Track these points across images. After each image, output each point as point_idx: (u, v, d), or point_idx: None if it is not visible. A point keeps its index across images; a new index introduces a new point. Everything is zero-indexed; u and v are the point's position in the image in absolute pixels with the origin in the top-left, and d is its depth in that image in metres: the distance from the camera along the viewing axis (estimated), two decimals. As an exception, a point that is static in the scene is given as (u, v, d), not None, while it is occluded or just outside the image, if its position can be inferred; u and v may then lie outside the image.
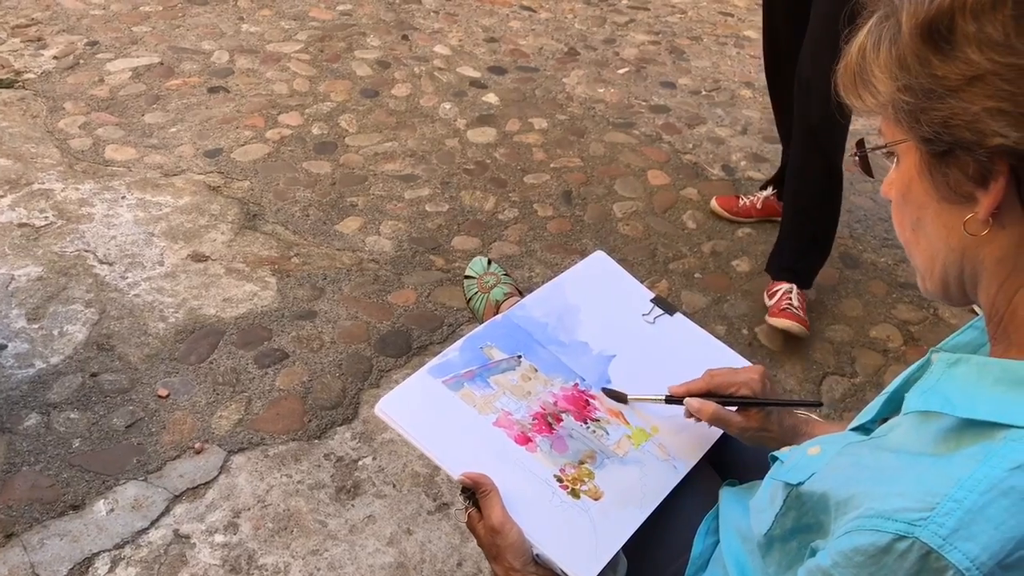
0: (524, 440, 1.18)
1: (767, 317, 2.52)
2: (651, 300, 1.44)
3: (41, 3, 3.94)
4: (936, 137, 0.71)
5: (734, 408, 1.17)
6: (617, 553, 1.10)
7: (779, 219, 2.73)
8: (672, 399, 1.21)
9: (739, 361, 1.38)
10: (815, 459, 0.86)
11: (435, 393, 1.21)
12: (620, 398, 1.28)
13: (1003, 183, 0.69)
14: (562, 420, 1.23)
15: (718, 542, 1.10)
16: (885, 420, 0.89)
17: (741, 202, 2.94)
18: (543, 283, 2.60)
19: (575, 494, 1.14)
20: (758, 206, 2.93)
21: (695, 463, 1.22)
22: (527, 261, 2.73)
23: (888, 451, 0.79)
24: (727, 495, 1.14)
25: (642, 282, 1.47)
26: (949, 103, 0.69)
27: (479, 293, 2.30)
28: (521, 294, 1.95)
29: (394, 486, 2.00)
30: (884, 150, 0.79)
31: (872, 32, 0.75)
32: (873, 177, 0.85)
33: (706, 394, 1.19)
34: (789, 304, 2.51)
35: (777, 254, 2.59)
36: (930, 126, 0.71)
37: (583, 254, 2.78)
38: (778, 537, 0.89)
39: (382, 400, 1.17)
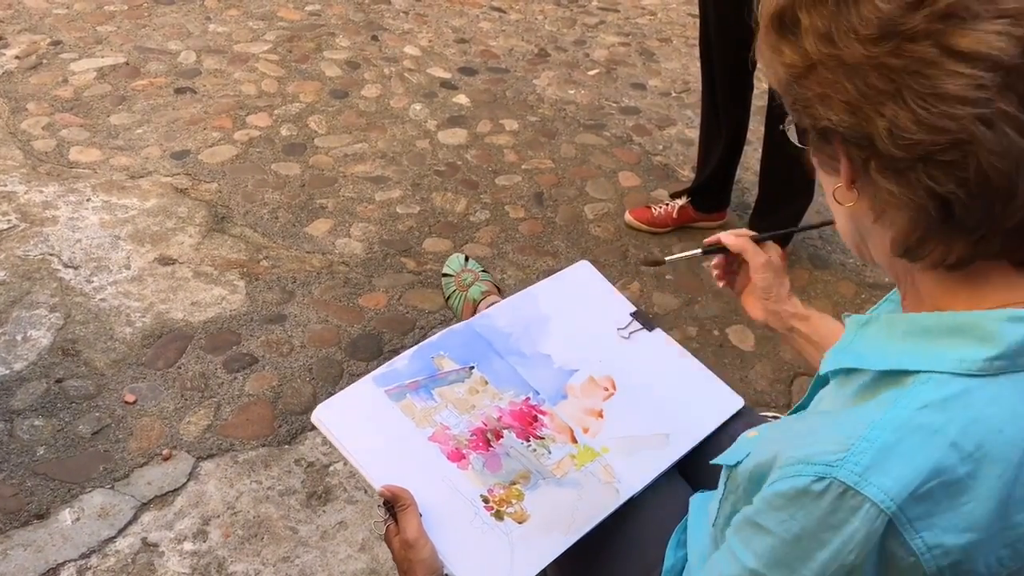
0: (457, 457, 1.16)
1: None
2: (631, 314, 1.40)
3: (3, 2, 3.87)
4: (797, 121, 0.77)
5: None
6: None
7: (697, 226, 2.96)
8: (709, 249, 1.22)
9: (715, 382, 1.36)
10: (752, 440, 0.88)
11: (375, 402, 1.19)
12: (657, 262, 1.31)
13: (847, 161, 0.74)
14: (502, 437, 1.20)
15: None
16: None
17: (655, 212, 2.93)
18: (515, 285, 2.61)
19: (499, 516, 1.12)
20: (674, 215, 2.91)
21: (642, 487, 1.19)
22: (499, 263, 2.72)
23: (814, 414, 0.83)
24: (695, 503, 1.14)
25: (614, 283, 1.46)
26: (796, 90, 0.74)
27: (457, 291, 2.29)
28: (500, 290, 1.95)
29: (365, 492, 1.99)
30: (792, 126, 0.82)
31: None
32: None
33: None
34: None
35: (754, 212, 2.86)
36: (790, 111, 0.77)
37: (555, 256, 2.78)
38: (720, 526, 0.90)
39: (320, 406, 1.16)
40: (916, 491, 0.66)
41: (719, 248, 1.21)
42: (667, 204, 2.94)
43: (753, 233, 1.19)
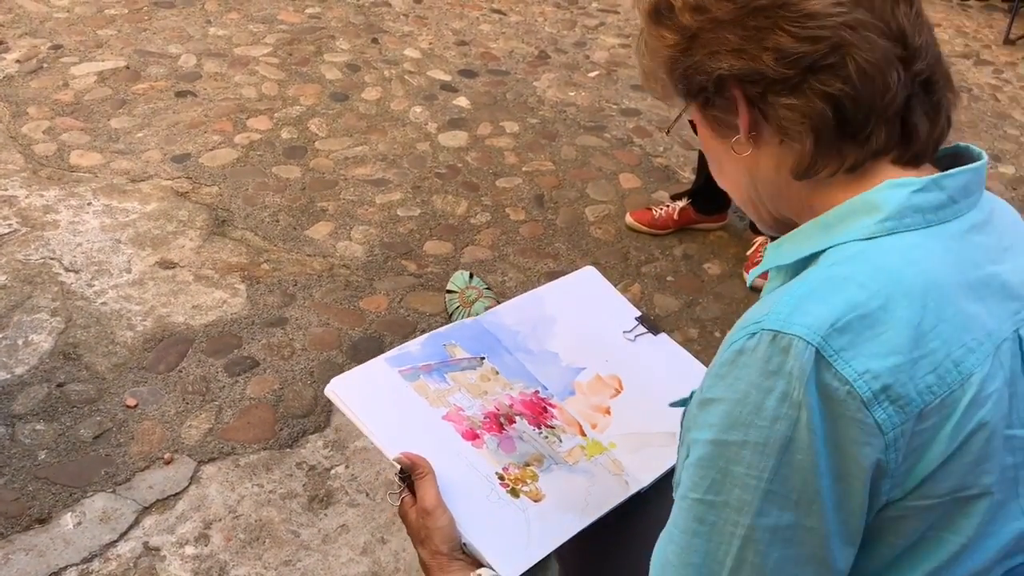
0: (471, 436, 1.16)
1: (744, 271, 2.79)
2: (636, 318, 1.41)
3: (3, 6, 3.88)
4: (689, 90, 0.88)
5: None
6: (549, 557, 1.08)
7: (698, 228, 2.98)
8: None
9: None
10: None
11: (388, 381, 1.19)
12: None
13: (744, 104, 0.84)
14: (515, 422, 1.21)
15: None
16: None
17: (656, 214, 2.94)
18: (516, 287, 2.61)
19: (515, 493, 1.12)
20: (675, 216, 2.92)
21: (650, 483, 1.19)
22: (500, 266, 2.72)
23: None
24: None
25: (615, 284, 1.46)
26: (683, 61, 0.86)
27: (461, 307, 2.29)
28: None
29: (367, 495, 1.99)
30: (678, 120, 0.95)
31: (637, 42, 0.93)
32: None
33: None
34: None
35: None
36: (682, 84, 0.88)
37: (556, 258, 2.78)
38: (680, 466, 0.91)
39: (333, 380, 1.15)
40: (836, 323, 0.73)
41: None
42: (668, 206, 2.94)
43: None
